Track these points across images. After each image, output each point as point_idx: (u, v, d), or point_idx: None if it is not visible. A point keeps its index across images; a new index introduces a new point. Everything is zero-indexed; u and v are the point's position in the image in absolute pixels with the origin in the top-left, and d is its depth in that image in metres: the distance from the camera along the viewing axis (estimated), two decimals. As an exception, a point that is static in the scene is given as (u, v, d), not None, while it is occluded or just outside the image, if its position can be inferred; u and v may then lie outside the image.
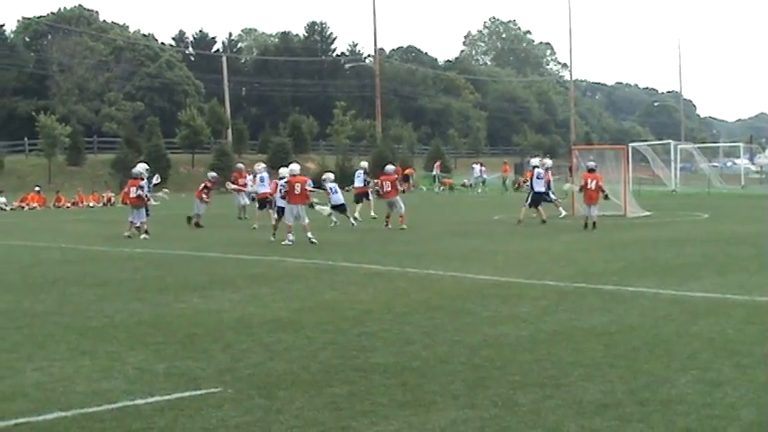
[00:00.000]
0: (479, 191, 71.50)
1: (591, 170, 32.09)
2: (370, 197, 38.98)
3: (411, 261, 21.49)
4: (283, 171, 28.67)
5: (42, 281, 19.22)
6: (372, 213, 37.17)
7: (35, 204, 57.74)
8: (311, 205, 28.39)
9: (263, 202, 34.97)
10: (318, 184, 34.84)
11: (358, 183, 39.43)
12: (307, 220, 27.10)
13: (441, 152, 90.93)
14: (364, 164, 42.40)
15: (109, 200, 60.65)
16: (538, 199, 35.39)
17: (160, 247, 26.28)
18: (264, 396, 9.35)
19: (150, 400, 9.31)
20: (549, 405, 8.85)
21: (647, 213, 37.09)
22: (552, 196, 37.14)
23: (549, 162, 39.45)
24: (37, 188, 60.75)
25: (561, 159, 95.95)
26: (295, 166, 28.28)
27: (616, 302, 15.03)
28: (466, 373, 10.20)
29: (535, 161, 38.38)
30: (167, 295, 16.67)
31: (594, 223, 30.45)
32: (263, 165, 38.52)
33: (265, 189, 35.21)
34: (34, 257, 24.62)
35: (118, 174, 72.80)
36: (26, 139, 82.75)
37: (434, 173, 77.20)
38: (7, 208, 55.97)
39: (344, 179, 78.09)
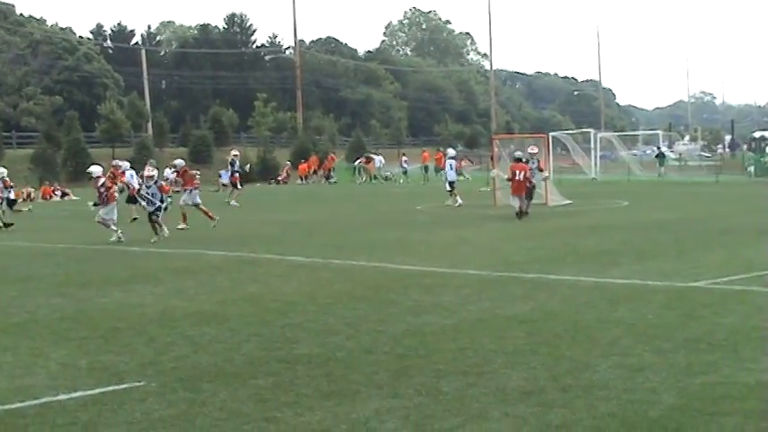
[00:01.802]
0: (401, 181, 71.65)
1: (518, 160, 31.75)
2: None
3: (334, 252, 21.53)
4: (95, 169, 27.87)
5: (-39, 278, 18.99)
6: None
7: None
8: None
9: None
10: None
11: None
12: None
13: (362, 144, 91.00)
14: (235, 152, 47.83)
15: (29, 195, 59.89)
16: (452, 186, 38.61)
17: (82, 242, 26.05)
18: (188, 389, 9.35)
19: (74, 395, 9.27)
20: (473, 393, 8.94)
21: (569, 202, 37.44)
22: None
23: (452, 152, 42.27)
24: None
25: (483, 149, 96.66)
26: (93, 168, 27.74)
27: (538, 290, 15.19)
28: (390, 363, 10.26)
29: (451, 152, 41.62)
30: (90, 290, 16.56)
31: (527, 212, 30.39)
32: (128, 163, 38.01)
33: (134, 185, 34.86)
34: None
35: (37, 169, 71.94)
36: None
37: (356, 164, 77.18)
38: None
39: (268, 171, 78.13)
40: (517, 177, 30.62)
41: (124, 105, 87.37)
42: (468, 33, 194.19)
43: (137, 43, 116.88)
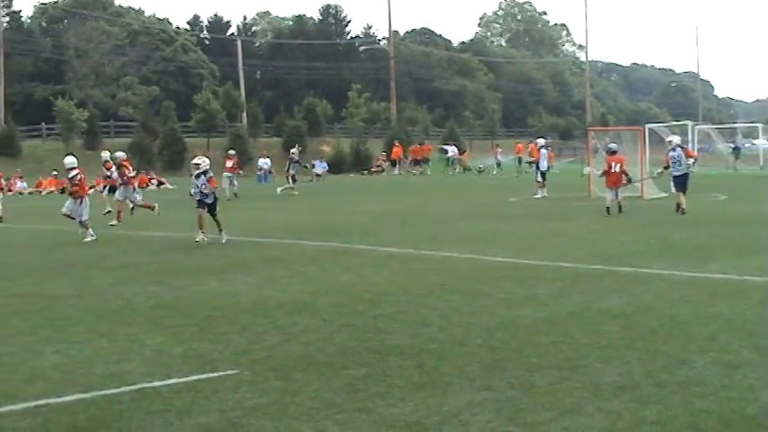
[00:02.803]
0: (494, 173, 71.34)
1: (613, 152, 31.05)
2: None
3: (426, 243, 21.49)
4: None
5: (61, 264, 19.32)
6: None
7: (52, 188, 57.85)
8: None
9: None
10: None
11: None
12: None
13: (456, 135, 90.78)
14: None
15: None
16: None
17: (178, 231, 26.33)
18: (281, 378, 9.40)
19: (168, 381, 9.37)
20: (566, 387, 8.86)
21: (665, 195, 36.93)
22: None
23: (542, 141, 43.08)
24: (54, 172, 60.86)
25: (577, 141, 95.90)
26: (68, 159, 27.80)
27: (633, 284, 15.01)
28: (482, 355, 10.22)
29: (541, 141, 42.55)
30: (185, 278, 16.73)
31: (621, 206, 29.51)
32: (109, 153, 37.74)
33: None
34: (53, 241, 24.73)
35: (134, 158, 72.81)
36: (43, 123, 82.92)
37: (449, 156, 76.83)
38: (26, 192, 56.12)
39: (361, 162, 78.31)
40: (613, 170, 30.03)
41: (219, 95, 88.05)
42: (563, 24, 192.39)
43: (232, 34, 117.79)
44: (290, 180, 46.25)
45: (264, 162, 65.96)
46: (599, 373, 9.32)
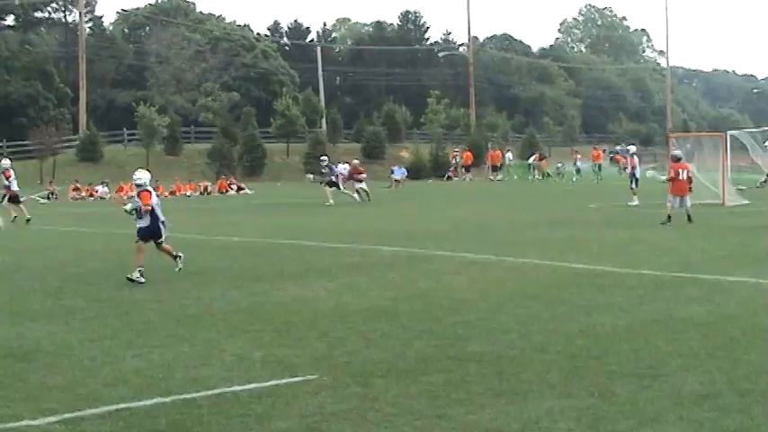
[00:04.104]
0: (574, 179, 70.84)
1: (678, 159, 29.93)
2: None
3: (506, 250, 21.39)
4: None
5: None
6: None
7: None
8: None
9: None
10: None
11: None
12: None
13: (535, 141, 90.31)
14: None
15: (206, 189, 61.27)
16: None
17: (257, 236, 26.48)
18: (360, 384, 9.40)
19: (248, 386, 9.41)
20: (647, 395, 8.78)
21: (746, 202, 36.47)
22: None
23: (633, 147, 42.85)
24: (135, 178, 61.52)
25: (657, 147, 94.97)
26: None
27: (714, 292, 14.83)
28: (562, 363, 10.15)
29: (632, 148, 41.90)
30: (264, 283, 16.81)
31: (690, 216, 28.36)
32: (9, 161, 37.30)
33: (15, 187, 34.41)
34: (134, 246, 24.93)
35: (214, 163, 73.58)
36: (125, 129, 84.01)
37: (530, 162, 76.34)
38: (107, 197, 56.84)
39: (440, 168, 78.19)
40: (681, 177, 29.26)
41: (299, 101, 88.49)
42: (643, 30, 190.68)
43: (312, 40, 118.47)
44: (333, 187, 43.92)
45: (343, 168, 66.02)
46: (680, 382, 9.22)
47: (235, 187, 61.70)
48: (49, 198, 55.15)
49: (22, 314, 13.94)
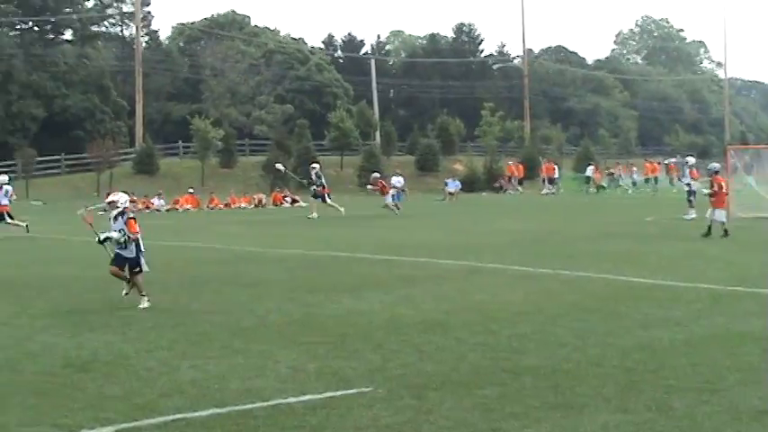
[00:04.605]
0: (629, 192, 70.39)
1: (716, 172, 29.61)
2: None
3: (561, 263, 21.27)
4: None
5: (197, 280, 19.60)
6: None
7: (188, 206, 58.85)
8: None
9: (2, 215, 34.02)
10: None
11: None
12: None
13: (590, 153, 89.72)
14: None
15: (260, 201, 61.47)
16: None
17: (311, 248, 26.54)
18: (415, 396, 9.38)
19: (302, 398, 9.43)
20: (705, 410, 8.69)
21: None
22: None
23: (692, 159, 42.23)
24: (190, 190, 61.95)
25: (715, 159, 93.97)
26: None
27: (774, 306, 14.65)
28: (618, 377, 10.08)
29: (691, 160, 40.99)
30: (319, 295, 16.83)
31: (726, 231, 27.64)
32: (6, 176, 37.14)
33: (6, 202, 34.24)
34: (189, 258, 25.12)
35: (268, 176, 73.78)
36: (180, 142, 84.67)
37: (588, 174, 75.76)
38: (163, 209, 57.23)
39: (494, 181, 77.94)
40: (723, 190, 28.77)
41: (353, 114, 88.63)
42: (701, 41, 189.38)
43: (366, 53, 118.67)
44: (323, 200, 42.81)
45: (397, 180, 66.13)
46: (738, 397, 9.12)
47: (289, 200, 61.83)
48: (105, 210, 55.46)
49: (80, 324, 14.07)
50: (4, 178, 35.28)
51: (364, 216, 41.91)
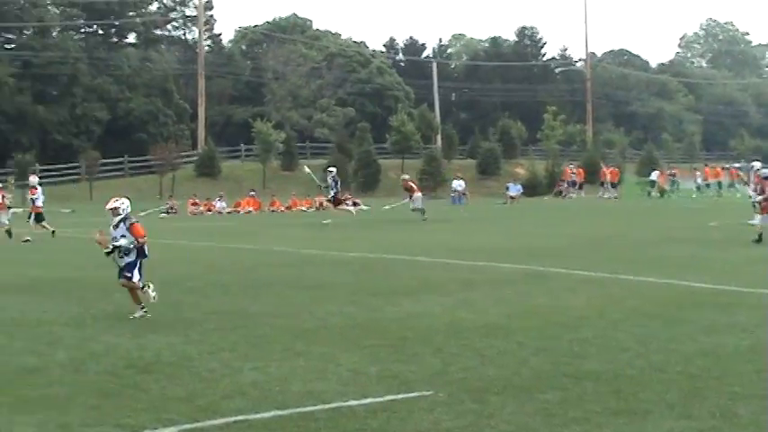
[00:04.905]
0: (693, 196, 69.76)
1: (766, 177, 28.61)
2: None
3: (623, 267, 21.11)
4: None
5: (259, 283, 19.67)
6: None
7: (250, 208, 59.16)
8: None
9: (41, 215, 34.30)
10: None
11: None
12: None
13: (654, 158, 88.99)
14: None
15: (321, 204, 61.56)
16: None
17: (371, 251, 26.56)
18: (476, 401, 9.35)
19: (363, 401, 9.43)
20: (771, 418, 8.58)
21: None
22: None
23: (758, 164, 39.90)
24: (252, 192, 62.27)
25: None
26: None
27: (841, 312, 14.44)
28: (682, 383, 9.98)
29: (757, 165, 38.76)
30: (379, 299, 16.83)
31: (761, 236, 27.09)
32: (37, 178, 37.21)
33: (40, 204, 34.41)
34: (251, 260, 25.23)
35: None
36: (242, 144, 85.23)
37: (653, 178, 75.08)
38: (224, 212, 57.59)
39: (554, 185, 77.54)
40: None
41: (414, 117, 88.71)
42: (767, 45, 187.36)
43: (428, 56, 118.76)
44: (337, 204, 43.42)
45: (458, 184, 66.26)
46: (807, 404, 8.99)
47: (350, 203, 61.90)
48: (167, 212, 56.07)
49: (143, 326, 14.18)
50: (35, 180, 35.76)
51: (425, 220, 41.81)
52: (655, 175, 74.29)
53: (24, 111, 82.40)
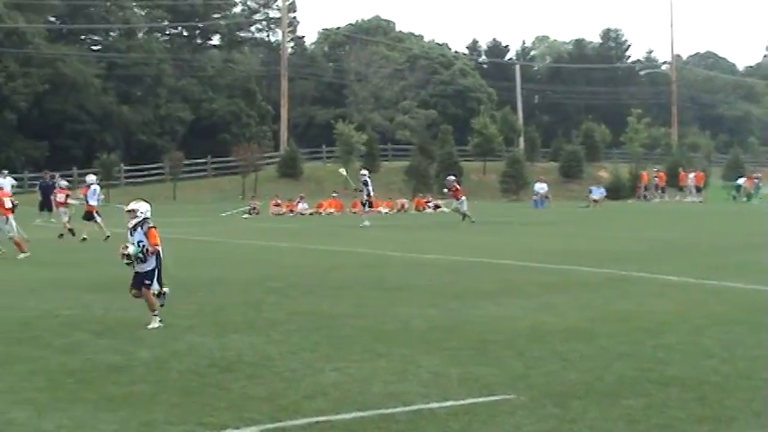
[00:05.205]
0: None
1: None
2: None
3: (708, 272, 20.85)
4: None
5: (340, 284, 19.71)
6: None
7: (332, 210, 59.35)
8: None
9: (90, 214, 34.11)
10: None
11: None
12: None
13: (740, 162, 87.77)
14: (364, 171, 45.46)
15: (402, 206, 61.65)
16: None
17: (452, 254, 26.51)
18: (558, 405, 9.28)
19: (445, 404, 9.40)
20: None
21: None
22: None
23: None
24: (334, 194, 62.47)
25: None
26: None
27: None
28: (768, 390, 9.83)
29: None
30: (460, 301, 16.78)
31: None
32: (95, 176, 37.11)
33: (95, 202, 34.38)
34: (332, 261, 25.30)
35: (411, 180, 74.04)
36: (324, 146, 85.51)
37: (740, 182, 74.06)
38: (306, 213, 57.84)
39: (637, 188, 76.79)
40: None
41: (497, 119, 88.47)
42: None
43: (511, 59, 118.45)
44: (369, 206, 43.91)
45: (541, 187, 65.97)
46: None
47: (432, 205, 61.90)
48: (250, 213, 56.49)
49: (225, 326, 14.27)
50: (92, 178, 36.14)
51: (505, 222, 41.70)
52: (742, 180, 73.28)
53: (109, 111, 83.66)
